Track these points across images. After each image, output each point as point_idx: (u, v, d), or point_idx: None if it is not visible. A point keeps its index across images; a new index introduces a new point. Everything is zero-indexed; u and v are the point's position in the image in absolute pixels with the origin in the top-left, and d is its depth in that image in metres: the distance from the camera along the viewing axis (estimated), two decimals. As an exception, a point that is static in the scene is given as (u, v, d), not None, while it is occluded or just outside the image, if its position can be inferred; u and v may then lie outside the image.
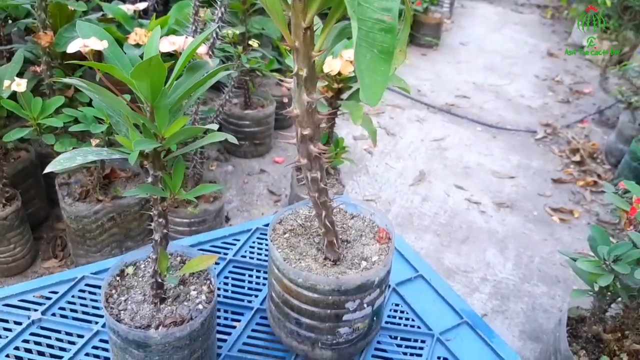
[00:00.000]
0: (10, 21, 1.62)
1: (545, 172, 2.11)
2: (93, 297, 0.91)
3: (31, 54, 1.43)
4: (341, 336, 0.78)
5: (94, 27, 0.65)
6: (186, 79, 0.68)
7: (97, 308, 0.89)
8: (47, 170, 0.57)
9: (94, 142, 1.19)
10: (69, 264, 1.43)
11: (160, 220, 0.71)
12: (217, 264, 0.98)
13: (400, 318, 0.89)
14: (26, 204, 1.40)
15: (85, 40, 0.59)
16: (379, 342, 0.85)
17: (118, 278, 0.77)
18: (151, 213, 0.72)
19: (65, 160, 0.58)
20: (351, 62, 1.41)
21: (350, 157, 1.59)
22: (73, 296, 0.91)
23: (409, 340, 0.86)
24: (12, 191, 1.35)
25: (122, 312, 0.72)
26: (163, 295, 0.74)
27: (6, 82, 1.14)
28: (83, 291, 0.93)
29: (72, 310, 0.89)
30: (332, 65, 1.36)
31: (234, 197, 1.72)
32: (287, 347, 0.82)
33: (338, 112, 1.50)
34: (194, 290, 0.76)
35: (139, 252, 0.81)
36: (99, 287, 0.93)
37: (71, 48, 0.59)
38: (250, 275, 1.00)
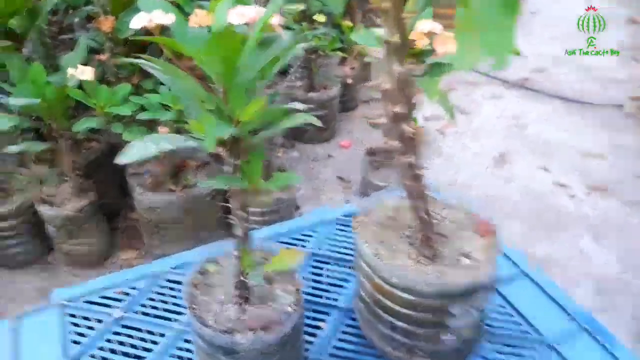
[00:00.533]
0: (70, 11, 1.62)
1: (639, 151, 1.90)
2: (173, 293, 0.87)
3: (94, 42, 1.41)
4: (443, 344, 0.69)
5: (158, 1, 0.57)
6: (259, 55, 0.60)
7: (178, 305, 0.85)
8: (119, 161, 0.51)
9: (162, 129, 1.15)
10: (145, 254, 1.42)
11: (241, 213, 0.64)
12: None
13: (506, 322, 0.79)
14: (101, 196, 1.39)
15: (150, 14, 0.52)
16: (483, 350, 0.75)
17: (199, 276, 0.71)
18: (229, 205, 0.65)
19: (138, 150, 0.52)
20: (426, 34, 1.29)
21: (441, 139, 1.47)
22: (153, 292, 0.87)
23: (517, 347, 0.75)
24: (86, 182, 1.34)
25: (206, 313, 0.66)
26: (247, 295, 0.68)
27: (70, 70, 1.11)
28: (163, 287, 0.89)
29: (152, 307, 0.85)
30: (408, 39, 1.24)
31: (301, 184, 1.65)
32: (380, 353, 0.74)
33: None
34: (279, 289, 0.70)
35: (219, 246, 0.75)
36: (179, 282, 0.89)
37: (135, 24, 0.53)
38: (332, 270, 0.92)
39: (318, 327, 0.79)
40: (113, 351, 0.77)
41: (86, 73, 1.11)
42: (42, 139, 1.43)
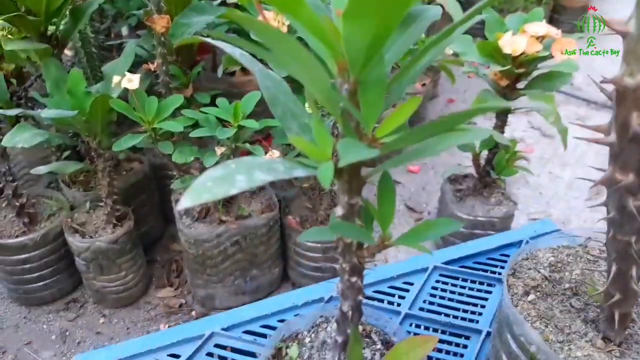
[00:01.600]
0: (120, 19, 1.47)
1: None
2: (226, 367, 0.66)
3: (143, 50, 1.24)
4: None
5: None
6: (401, 33, 0.39)
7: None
8: (183, 205, 0.30)
9: (219, 150, 0.95)
10: (186, 294, 1.21)
11: (354, 280, 0.42)
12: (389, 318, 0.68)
13: None
14: (138, 223, 1.20)
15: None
16: None
17: (275, 362, 0.49)
18: (337, 266, 0.43)
19: (216, 185, 0.31)
20: (538, 37, 1.07)
21: (525, 166, 1.23)
22: (197, 364, 0.66)
23: None
24: (123, 209, 1.15)
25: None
26: (349, 398, 0.45)
27: (115, 78, 0.93)
28: (211, 355, 0.68)
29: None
30: (514, 44, 1.02)
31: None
32: None
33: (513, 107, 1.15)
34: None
35: (298, 320, 0.53)
36: (233, 349, 0.68)
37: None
38: (440, 341, 0.69)
39: None
40: None
41: (134, 81, 0.93)
42: (80, 158, 1.26)
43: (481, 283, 0.78)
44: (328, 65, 0.37)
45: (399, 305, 0.74)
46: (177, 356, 0.67)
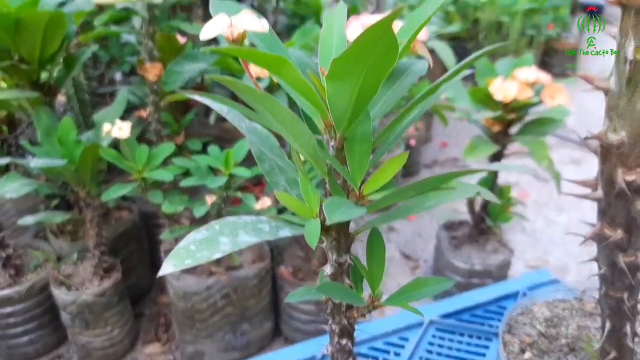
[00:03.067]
0: (114, 65, 1.49)
1: None
2: None
3: (135, 97, 1.25)
4: None
5: (236, 4, 0.37)
6: (387, 89, 0.39)
7: None
8: (167, 271, 0.28)
9: (210, 199, 0.93)
10: (174, 349, 1.17)
11: (344, 342, 0.40)
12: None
13: None
14: (126, 274, 1.17)
15: (234, 18, 0.31)
16: None
17: None
18: (327, 327, 0.41)
19: (199, 248, 0.30)
20: (529, 83, 1.08)
21: (521, 211, 1.22)
22: None
23: None
24: (111, 260, 1.13)
25: None
26: None
27: (106, 127, 0.93)
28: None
29: None
30: (505, 91, 1.03)
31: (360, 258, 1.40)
32: None
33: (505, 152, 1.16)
34: None
35: None
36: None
37: (207, 33, 0.32)
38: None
39: None
40: None
41: (124, 130, 0.92)
42: (68, 206, 1.24)
43: (478, 337, 0.75)
44: (314, 121, 0.36)
45: (394, 362, 0.70)
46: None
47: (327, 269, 0.39)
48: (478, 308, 0.80)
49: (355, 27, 0.35)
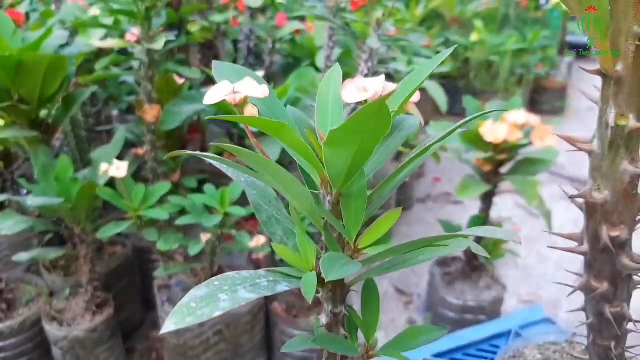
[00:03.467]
0: (111, 102, 1.51)
1: None
2: None
3: (132, 135, 1.27)
4: None
5: (237, 67, 0.39)
6: (381, 145, 0.41)
7: None
8: (169, 329, 0.29)
9: (205, 237, 0.94)
10: (165, 387, 1.15)
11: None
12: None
13: None
14: (119, 309, 1.16)
15: (236, 84, 0.33)
16: None
17: None
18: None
19: (199, 306, 0.31)
20: (518, 126, 1.11)
21: (513, 247, 1.23)
22: None
23: None
24: (104, 296, 1.12)
25: None
26: None
27: (103, 166, 0.94)
28: None
29: None
30: (495, 133, 1.06)
31: (353, 296, 1.40)
32: None
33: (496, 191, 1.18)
34: None
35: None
36: None
37: (211, 98, 0.33)
38: None
39: None
40: None
41: (122, 169, 0.94)
42: (62, 241, 1.24)
43: (472, 378, 0.75)
44: (312, 177, 0.38)
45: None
46: None
47: (323, 319, 0.40)
48: (470, 347, 0.80)
49: (350, 90, 0.36)
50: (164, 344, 1.13)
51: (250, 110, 0.35)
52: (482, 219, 1.17)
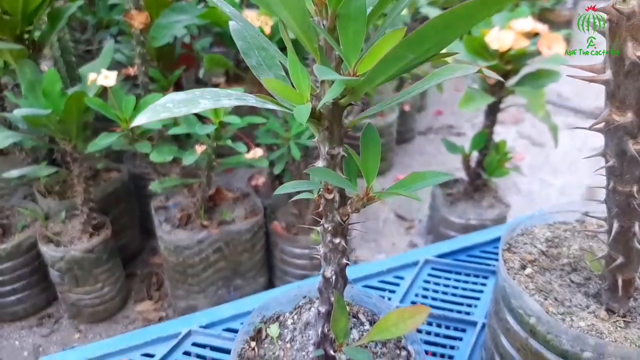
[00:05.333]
0: (102, 29, 1.45)
1: None
2: (204, 366, 0.61)
3: (122, 56, 1.22)
4: None
5: None
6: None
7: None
8: (140, 122, 0.26)
9: (199, 148, 0.91)
10: (166, 307, 1.15)
11: (338, 241, 0.38)
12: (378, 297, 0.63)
13: None
14: (117, 235, 1.15)
15: None
16: None
17: (253, 344, 0.45)
18: (319, 227, 0.40)
19: (177, 106, 0.28)
20: (525, 33, 1.06)
21: (516, 165, 1.21)
22: (175, 362, 0.61)
23: None
24: (100, 218, 1.11)
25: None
26: (334, 380, 0.41)
27: (91, 76, 0.90)
28: (189, 354, 0.62)
29: (174, 388, 0.58)
30: (501, 40, 1.01)
31: (353, 223, 1.38)
32: None
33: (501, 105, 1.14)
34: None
35: (278, 299, 0.49)
36: (212, 347, 0.63)
37: None
38: (428, 332, 0.64)
39: None
40: None
41: (110, 78, 0.90)
42: (55, 166, 1.21)
43: (475, 276, 0.74)
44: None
45: (389, 299, 0.69)
46: (151, 355, 0.62)
47: (319, 163, 0.37)
48: (475, 248, 0.79)
49: None
50: (164, 264, 1.12)
51: None
52: (486, 136, 1.14)
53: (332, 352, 0.40)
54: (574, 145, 1.78)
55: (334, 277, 0.38)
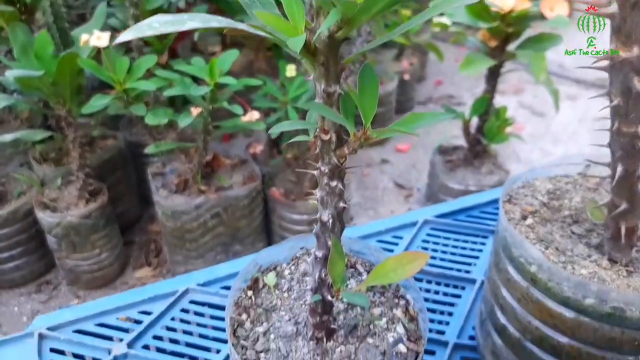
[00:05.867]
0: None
1: None
2: (201, 320, 0.60)
3: (116, 20, 1.19)
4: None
5: None
6: None
7: (207, 337, 0.58)
8: (124, 38, 0.25)
9: (195, 110, 0.90)
10: (165, 273, 1.16)
11: (334, 184, 0.37)
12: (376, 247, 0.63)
13: None
14: (114, 202, 1.14)
15: None
16: None
17: (250, 293, 0.44)
18: (316, 171, 0.39)
19: (163, 25, 0.26)
20: (528, -6, 1.03)
21: (517, 133, 1.19)
22: (173, 319, 0.61)
23: None
24: (96, 184, 1.10)
25: (263, 355, 0.39)
26: (332, 326, 0.41)
27: (84, 37, 0.88)
28: (187, 311, 0.62)
29: (171, 340, 0.58)
30: (502, 1, 0.99)
31: (353, 191, 1.38)
32: None
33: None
34: (380, 315, 0.42)
35: (275, 250, 0.48)
36: (210, 305, 0.63)
37: None
38: (427, 290, 0.64)
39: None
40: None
41: (103, 39, 0.88)
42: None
43: (475, 235, 0.73)
44: None
45: (387, 258, 0.69)
46: (149, 313, 0.62)
47: (317, 101, 0.36)
48: (474, 209, 0.78)
49: None
50: (162, 231, 1.11)
51: None
52: (486, 101, 1.12)
53: (329, 298, 0.39)
54: (574, 115, 1.76)
55: (331, 221, 0.38)
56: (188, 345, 0.58)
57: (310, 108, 0.32)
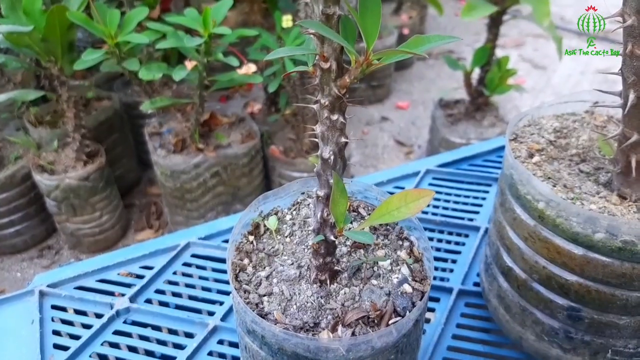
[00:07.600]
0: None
1: None
2: (203, 273, 0.60)
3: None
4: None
5: None
6: None
7: (209, 290, 0.58)
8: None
9: (190, 64, 0.87)
10: (167, 234, 1.15)
11: (335, 117, 0.36)
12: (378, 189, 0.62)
13: None
14: (113, 165, 1.13)
15: None
16: None
17: (251, 238, 0.43)
18: (315, 106, 0.37)
19: None
20: None
21: (518, 95, 1.17)
22: (175, 273, 0.60)
23: None
24: (94, 146, 1.08)
25: (266, 298, 0.38)
26: (335, 267, 0.40)
27: (73, -12, 0.85)
28: (188, 265, 0.62)
29: (174, 294, 0.58)
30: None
31: (353, 150, 1.36)
32: (532, 354, 0.46)
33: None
34: (385, 257, 0.41)
35: (276, 195, 0.47)
36: (211, 258, 0.62)
37: None
38: (430, 239, 0.63)
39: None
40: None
41: (91, -9, 0.84)
42: (44, 99, 1.17)
43: (478, 184, 0.72)
44: None
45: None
46: (150, 267, 0.61)
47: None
48: (477, 158, 0.77)
49: None
50: (162, 191, 1.10)
51: None
52: (488, 50, 1.09)
53: (332, 238, 0.38)
54: (576, 68, 1.72)
55: (332, 158, 0.36)
56: (191, 298, 0.58)
57: (308, 26, 0.30)
